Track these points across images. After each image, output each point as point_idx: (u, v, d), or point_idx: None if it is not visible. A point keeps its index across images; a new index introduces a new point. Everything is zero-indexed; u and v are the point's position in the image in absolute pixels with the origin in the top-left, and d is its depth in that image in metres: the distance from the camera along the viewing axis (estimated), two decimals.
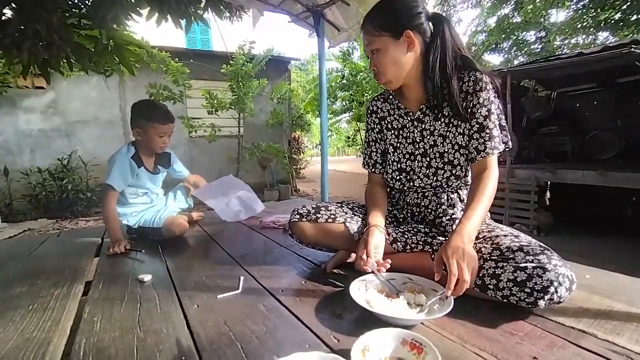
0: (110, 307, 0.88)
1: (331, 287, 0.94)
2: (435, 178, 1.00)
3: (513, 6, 8.76)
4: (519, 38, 9.46)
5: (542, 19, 8.73)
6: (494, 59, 10.37)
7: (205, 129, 4.91)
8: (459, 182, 0.99)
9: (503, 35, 9.36)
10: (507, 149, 0.96)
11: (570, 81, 4.63)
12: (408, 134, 1.04)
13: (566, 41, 8.84)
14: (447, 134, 0.97)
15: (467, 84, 0.92)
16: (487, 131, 0.90)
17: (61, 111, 5.52)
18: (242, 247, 1.40)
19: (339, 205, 1.11)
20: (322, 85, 2.97)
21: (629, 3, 6.54)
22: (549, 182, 4.11)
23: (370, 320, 0.71)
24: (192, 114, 5.37)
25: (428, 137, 1.00)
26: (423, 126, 1.01)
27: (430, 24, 0.94)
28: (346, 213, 1.07)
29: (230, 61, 4.70)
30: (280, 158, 5.71)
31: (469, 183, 0.99)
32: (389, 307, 0.77)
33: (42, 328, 0.79)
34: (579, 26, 7.82)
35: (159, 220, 1.58)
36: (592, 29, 7.85)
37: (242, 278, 1.01)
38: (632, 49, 3.00)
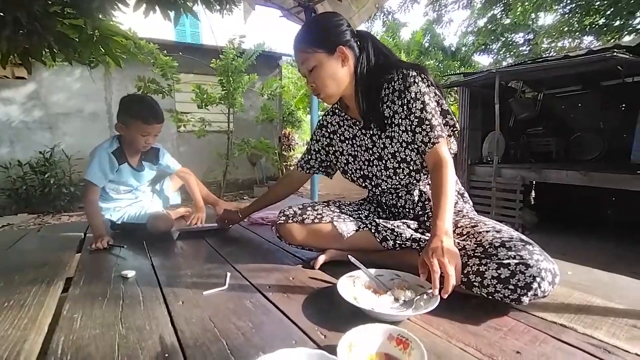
0: (92, 303, 0.86)
1: (318, 284, 0.94)
2: (397, 178, 1.03)
3: (502, 8, 8.89)
4: (508, 40, 9.62)
5: (530, 22, 8.89)
6: (483, 60, 10.52)
7: (194, 123, 4.83)
8: (421, 175, 1.01)
9: (492, 37, 9.50)
10: (454, 131, 0.99)
11: (557, 83, 4.73)
12: (361, 142, 1.08)
13: (553, 44, 9.02)
14: (393, 134, 1.00)
15: (397, 82, 0.96)
16: (427, 122, 0.92)
17: (43, 103, 5.34)
18: (230, 243, 1.39)
19: (325, 204, 1.11)
20: None
21: (612, 9, 6.72)
22: (534, 182, 4.20)
23: (357, 316, 0.71)
24: (181, 108, 5.27)
25: (378, 142, 1.04)
26: (371, 132, 1.05)
27: (357, 40, 1.00)
28: (333, 212, 1.07)
29: (220, 55, 4.63)
30: (270, 154, 5.66)
31: None
32: (376, 303, 0.77)
33: (18, 326, 0.76)
34: (565, 30, 8.00)
35: (143, 215, 1.54)
36: (577, 33, 8.04)
37: (228, 274, 1.00)
38: (615, 53, 3.08)
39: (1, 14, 1.54)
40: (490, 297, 0.74)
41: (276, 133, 7.21)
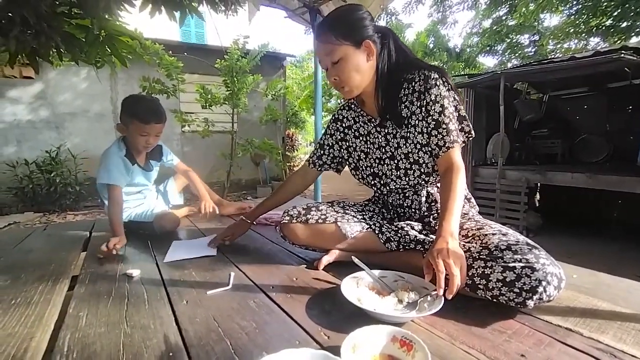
0: (97, 302, 0.86)
1: (322, 284, 0.94)
2: (407, 179, 1.02)
3: (507, 9, 8.85)
4: (513, 41, 9.57)
5: (535, 23, 8.84)
6: (488, 61, 10.50)
7: (198, 124, 4.86)
8: (430, 177, 1.01)
9: (497, 38, 9.46)
10: (469, 138, 0.98)
11: (562, 85, 4.70)
12: (374, 140, 1.07)
13: (559, 45, 8.96)
14: (408, 134, 0.99)
15: (418, 83, 0.96)
16: (444, 126, 0.92)
17: (50, 102, 5.39)
18: (233, 243, 1.39)
19: (329, 204, 1.11)
20: (318, 83, 2.95)
21: (619, 10, 6.66)
22: (538, 184, 4.17)
23: (360, 318, 0.71)
24: (186, 108, 5.30)
25: (392, 141, 1.03)
26: (386, 130, 1.04)
27: (379, 35, 0.98)
28: (337, 212, 1.07)
29: (224, 56, 4.64)
30: (274, 155, 5.67)
31: None
32: (379, 304, 0.77)
33: (25, 323, 0.77)
34: (571, 31, 7.93)
35: (150, 214, 1.55)
36: (584, 34, 7.97)
37: (232, 274, 1.00)
38: (622, 55, 3.05)
39: (9, 14, 1.56)
40: (495, 300, 0.74)
41: (280, 134, 7.23)
